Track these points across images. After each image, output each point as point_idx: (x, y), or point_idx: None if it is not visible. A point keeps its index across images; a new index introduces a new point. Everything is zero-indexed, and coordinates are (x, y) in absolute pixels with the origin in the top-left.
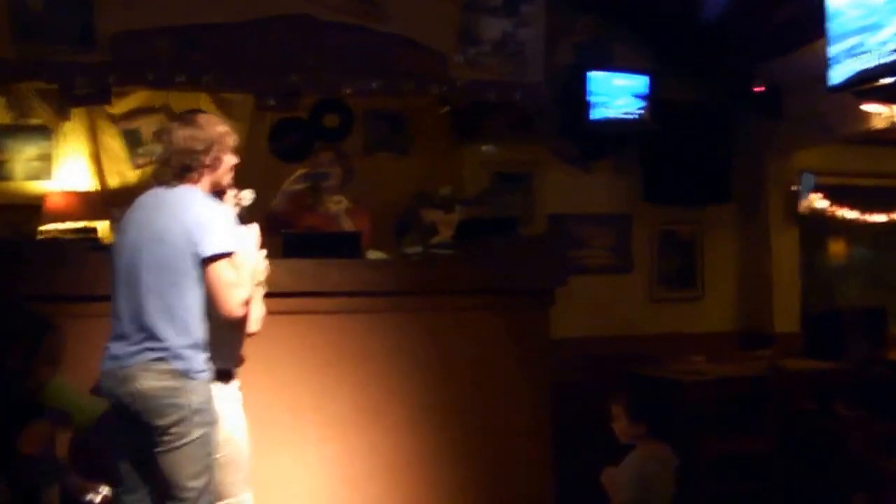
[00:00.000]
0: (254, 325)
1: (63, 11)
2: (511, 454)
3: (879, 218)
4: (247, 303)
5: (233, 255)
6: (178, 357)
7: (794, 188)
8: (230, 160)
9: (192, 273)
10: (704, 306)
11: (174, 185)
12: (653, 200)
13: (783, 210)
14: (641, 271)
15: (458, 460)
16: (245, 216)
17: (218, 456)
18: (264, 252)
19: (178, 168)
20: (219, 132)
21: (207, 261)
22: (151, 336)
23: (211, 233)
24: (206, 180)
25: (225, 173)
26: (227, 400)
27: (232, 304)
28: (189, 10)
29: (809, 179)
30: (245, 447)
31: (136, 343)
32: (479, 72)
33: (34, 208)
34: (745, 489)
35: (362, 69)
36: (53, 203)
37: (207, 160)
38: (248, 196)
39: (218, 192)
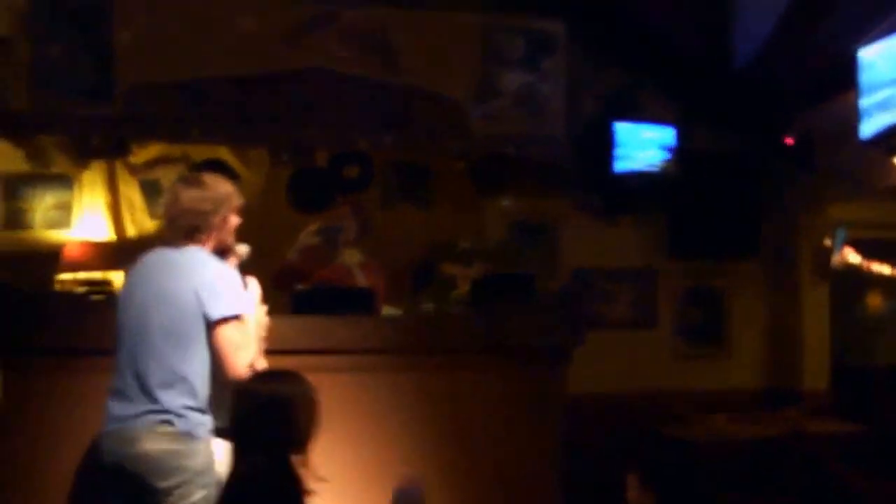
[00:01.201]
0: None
1: (81, 64)
2: None
3: None
4: (252, 362)
5: (240, 318)
6: (182, 419)
7: (826, 242)
8: (235, 220)
9: (200, 336)
10: (730, 363)
11: (181, 246)
12: (678, 255)
13: (814, 264)
14: (665, 327)
15: None
16: (242, 269)
17: None
18: (265, 308)
19: (186, 229)
20: (226, 193)
21: (215, 324)
22: (156, 399)
23: (219, 296)
24: (213, 240)
25: (230, 233)
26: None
27: (239, 366)
28: (204, 63)
29: (842, 233)
30: None
31: (140, 404)
32: (497, 125)
33: (53, 257)
34: None
35: (378, 122)
36: (71, 252)
37: (216, 221)
38: (243, 250)
39: (221, 251)
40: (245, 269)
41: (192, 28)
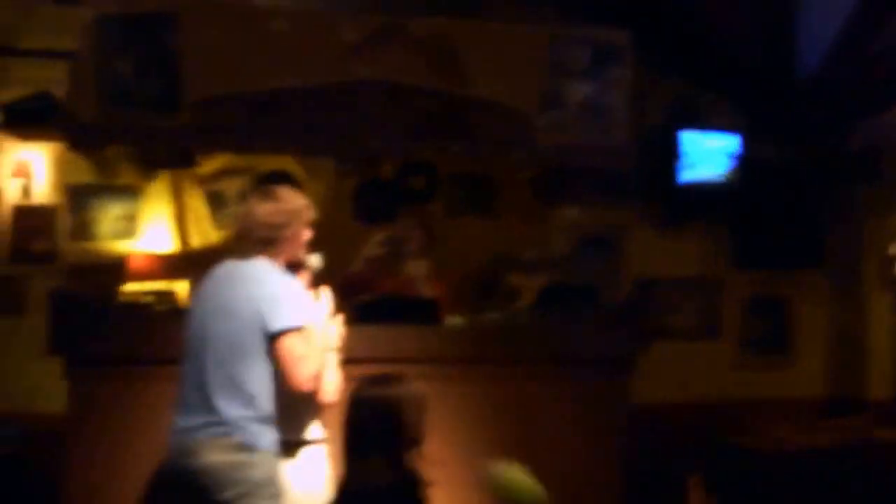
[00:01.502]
0: (330, 394)
1: (147, 77)
2: None
3: None
4: (317, 376)
5: (302, 329)
6: (243, 431)
7: (891, 251)
8: (306, 234)
9: (261, 347)
10: (794, 373)
11: (249, 258)
12: (742, 265)
13: (879, 273)
14: (730, 336)
15: None
16: (316, 280)
17: None
18: (340, 318)
19: (259, 242)
20: (299, 207)
21: (277, 335)
22: (216, 410)
23: (280, 308)
24: (285, 254)
25: (302, 247)
26: (309, 469)
27: (301, 377)
28: (269, 75)
29: None
30: None
31: (201, 416)
32: (562, 135)
33: (118, 268)
34: None
35: (444, 133)
36: (136, 264)
37: (288, 234)
38: (315, 260)
39: (292, 265)
40: (318, 280)
41: (258, 40)
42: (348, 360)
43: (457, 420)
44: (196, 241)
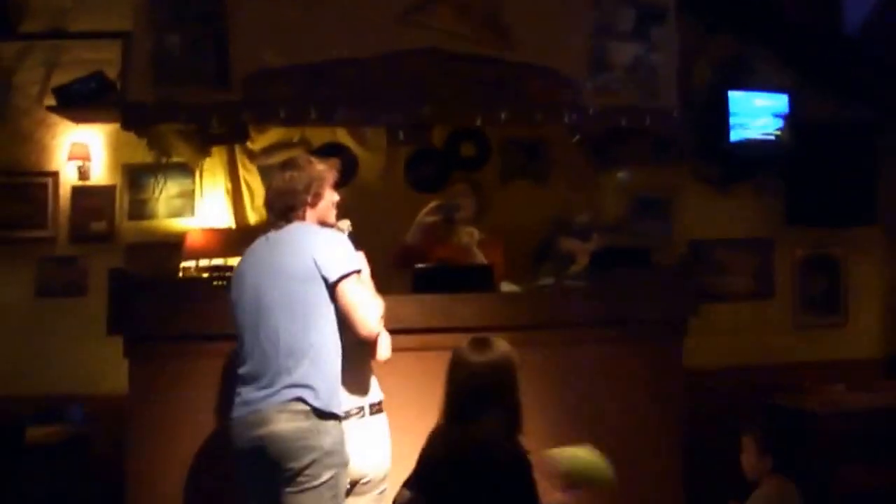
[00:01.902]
0: (384, 350)
1: (199, 54)
2: (644, 490)
3: None
4: (381, 319)
5: (360, 273)
6: (313, 395)
7: None
8: (331, 196)
9: (323, 303)
10: (849, 332)
11: (282, 226)
12: (796, 223)
13: None
14: (783, 297)
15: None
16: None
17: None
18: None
19: (281, 209)
20: (318, 170)
21: (336, 283)
22: (287, 374)
23: (334, 256)
24: (311, 217)
25: (328, 209)
26: (374, 432)
27: (368, 322)
28: (319, 46)
29: None
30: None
31: (269, 385)
32: (610, 98)
33: (176, 245)
34: None
35: (493, 99)
36: (194, 240)
37: (308, 198)
38: (345, 226)
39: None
40: (352, 243)
41: (307, 12)
42: (405, 330)
43: None
44: (251, 217)
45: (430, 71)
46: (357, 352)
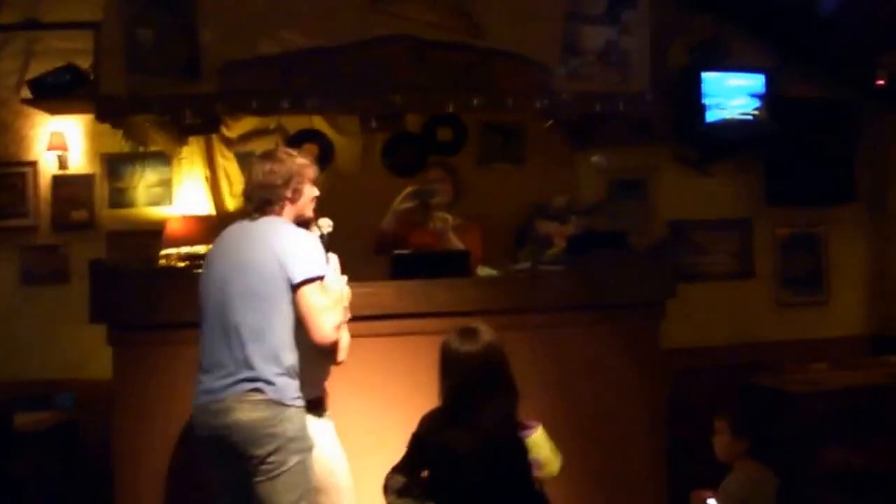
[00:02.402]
0: (341, 353)
1: (170, 46)
2: (625, 470)
3: None
4: (338, 327)
5: (323, 280)
6: (271, 386)
7: None
8: (311, 192)
9: (283, 301)
10: (831, 310)
11: (257, 218)
12: (775, 202)
13: None
14: (764, 276)
15: (570, 477)
16: (326, 244)
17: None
18: (345, 278)
19: (259, 202)
20: (298, 164)
21: (298, 286)
22: (245, 367)
23: (300, 259)
24: (288, 212)
25: (306, 205)
26: (320, 430)
27: (325, 329)
28: (289, 36)
29: None
30: (345, 477)
31: (229, 375)
32: (582, 83)
33: (156, 233)
34: None
35: (464, 86)
36: (174, 228)
37: (287, 193)
38: (325, 224)
39: (301, 224)
40: (329, 243)
41: (275, 2)
42: (382, 315)
43: None
44: (230, 204)
45: (401, 59)
46: (314, 350)
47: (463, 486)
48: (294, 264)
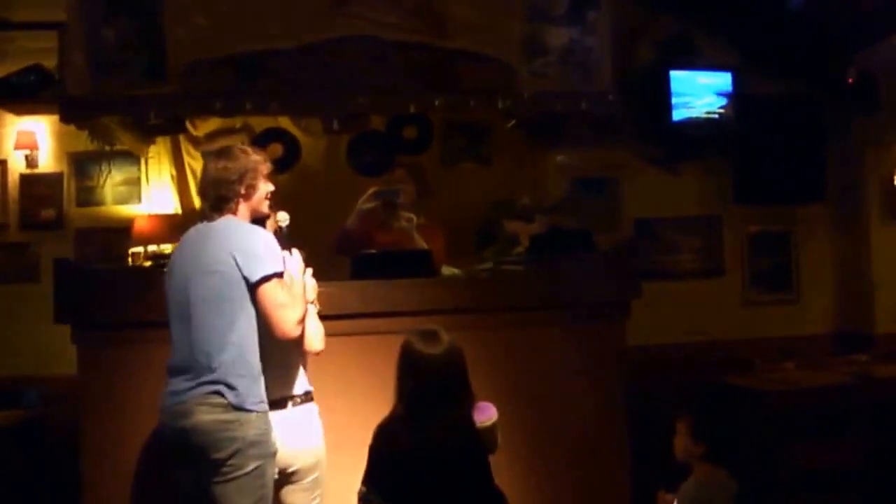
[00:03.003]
0: (316, 343)
1: (134, 47)
2: (588, 470)
3: None
4: (301, 321)
5: (282, 276)
6: (233, 391)
7: (894, 180)
8: (266, 188)
9: (244, 301)
10: (800, 309)
11: (215, 218)
12: (743, 201)
13: (883, 204)
14: (733, 274)
15: (531, 475)
16: (285, 239)
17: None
18: (310, 270)
19: (214, 199)
20: (252, 161)
21: (257, 284)
22: (207, 370)
23: (257, 257)
24: (244, 209)
25: (261, 201)
26: (304, 423)
27: (287, 324)
28: (252, 37)
29: None
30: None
31: (192, 378)
32: (545, 83)
33: (124, 231)
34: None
35: (427, 86)
36: (141, 226)
37: (241, 189)
38: (284, 218)
39: (258, 220)
40: (289, 237)
41: (239, 3)
42: (346, 315)
43: None
44: (197, 202)
45: (364, 60)
46: (281, 346)
47: (423, 491)
48: (250, 264)
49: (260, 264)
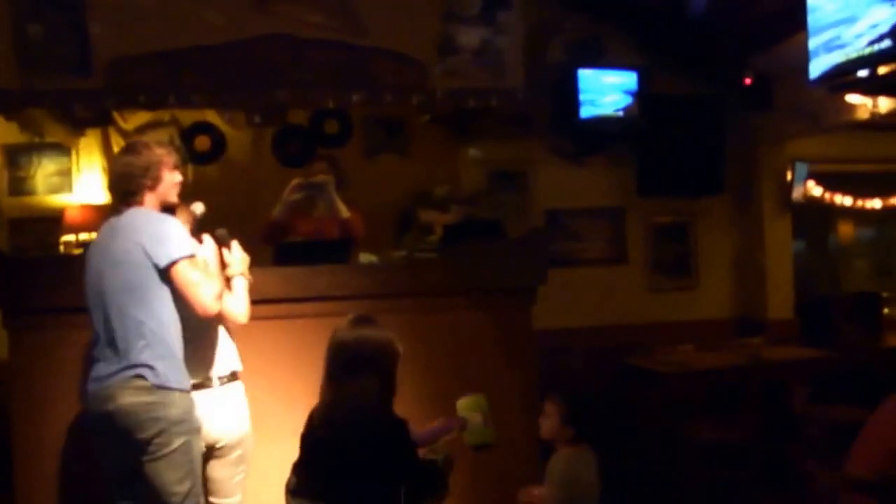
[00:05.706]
0: (241, 317)
1: (61, 42)
2: (498, 451)
3: (875, 203)
4: (218, 297)
5: (193, 257)
6: (153, 371)
7: (788, 177)
8: (172, 177)
9: (157, 287)
10: (699, 295)
11: (123, 211)
12: (646, 193)
13: (776, 199)
14: (637, 262)
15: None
16: (200, 226)
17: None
18: (236, 242)
19: (121, 193)
20: (155, 155)
21: (168, 268)
22: (126, 355)
23: (164, 242)
24: (151, 199)
25: (169, 190)
26: (228, 402)
27: (204, 299)
28: (175, 33)
29: (803, 168)
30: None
31: (113, 363)
32: (457, 80)
33: (56, 221)
34: (721, 478)
35: (344, 83)
36: (73, 216)
37: (147, 181)
38: (198, 207)
39: (169, 209)
40: (202, 226)
41: (162, 1)
42: (267, 300)
43: None
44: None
45: (283, 56)
46: (202, 326)
47: (339, 475)
48: (158, 250)
49: (167, 249)
